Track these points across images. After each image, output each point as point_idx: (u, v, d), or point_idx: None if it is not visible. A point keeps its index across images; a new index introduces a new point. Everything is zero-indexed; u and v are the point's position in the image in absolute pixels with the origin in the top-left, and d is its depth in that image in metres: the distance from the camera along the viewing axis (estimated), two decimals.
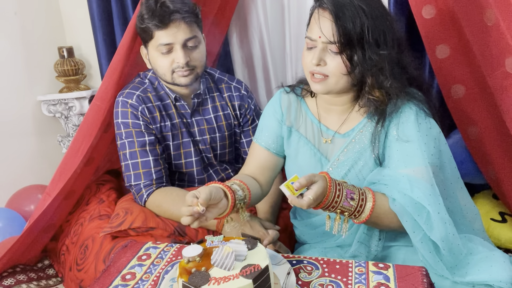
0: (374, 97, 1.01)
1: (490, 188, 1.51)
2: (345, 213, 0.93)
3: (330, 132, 1.11)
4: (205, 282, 0.72)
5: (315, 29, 0.98)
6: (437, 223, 0.91)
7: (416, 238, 0.93)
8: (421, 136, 0.99)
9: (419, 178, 0.95)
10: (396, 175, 0.97)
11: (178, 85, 1.36)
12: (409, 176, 0.96)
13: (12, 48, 1.94)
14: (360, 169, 1.05)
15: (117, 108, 1.36)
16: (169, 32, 1.27)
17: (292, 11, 1.87)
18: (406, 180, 0.95)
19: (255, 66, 1.97)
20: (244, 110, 1.51)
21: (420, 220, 0.92)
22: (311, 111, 1.15)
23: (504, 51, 1.07)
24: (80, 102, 2.08)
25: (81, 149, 1.38)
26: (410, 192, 0.93)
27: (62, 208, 1.47)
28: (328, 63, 0.98)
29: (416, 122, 1.00)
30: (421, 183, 0.95)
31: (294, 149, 1.14)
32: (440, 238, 0.91)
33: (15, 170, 1.92)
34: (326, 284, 0.81)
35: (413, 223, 0.93)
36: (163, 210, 1.27)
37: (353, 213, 0.93)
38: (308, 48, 1.02)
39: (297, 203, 0.87)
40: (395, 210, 0.94)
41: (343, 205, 0.91)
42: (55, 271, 1.51)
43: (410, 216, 0.93)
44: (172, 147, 1.40)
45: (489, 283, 0.91)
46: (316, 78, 1.00)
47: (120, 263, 0.93)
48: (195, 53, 1.33)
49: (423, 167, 0.96)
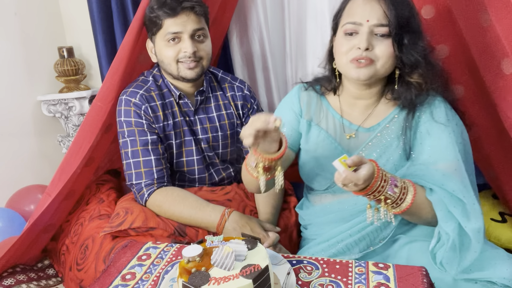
0: (414, 79, 1.02)
1: (490, 188, 1.51)
2: (388, 200, 0.92)
3: (354, 126, 1.11)
4: (205, 282, 0.72)
5: (360, 13, 0.97)
6: (474, 214, 0.92)
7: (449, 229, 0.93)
8: (452, 131, 1.01)
9: (451, 173, 0.96)
10: (429, 170, 0.98)
11: (183, 79, 1.36)
12: (442, 171, 0.97)
13: (12, 48, 1.94)
14: (384, 163, 1.06)
15: (120, 107, 1.36)
16: (178, 21, 1.29)
17: (292, 11, 1.87)
18: (440, 174, 0.96)
19: (255, 66, 1.97)
20: (246, 110, 1.51)
21: (456, 211, 0.92)
22: (333, 107, 1.14)
23: (499, 52, 1.07)
24: (80, 102, 2.08)
25: (82, 150, 1.38)
26: (445, 185, 0.94)
27: (62, 208, 1.47)
28: (375, 47, 0.98)
29: (446, 117, 1.02)
30: (454, 177, 0.96)
31: (313, 143, 1.13)
32: (477, 229, 0.91)
33: (15, 170, 1.92)
34: (326, 284, 0.81)
35: (445, 214, 0.94)
36: (164, 210, 1.27)
37: (396, 201, 0.92)
38: (346, 34, 1.00)
39: (353, 176, 0.86)
40: (432, 200, 0.94)
41: (387, 192, 0.91)
42: (55, 271, 1.51)
43: (444, 207, 0.93)
44: (174, 146, 1.41)
45: (492, 280, 0.91)
46: (361, 63, 0.99)
47: (120, 263, 0.93)
48: (202, 45, 1.35)
49: (456, 161, 0.98)
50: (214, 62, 1.94)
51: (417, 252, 1.02)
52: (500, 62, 1.08)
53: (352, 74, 1.01)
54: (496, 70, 1.11)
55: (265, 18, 1.86)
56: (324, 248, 1.12)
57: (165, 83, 1.41)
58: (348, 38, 1.00)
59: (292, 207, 1.44)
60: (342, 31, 1.02)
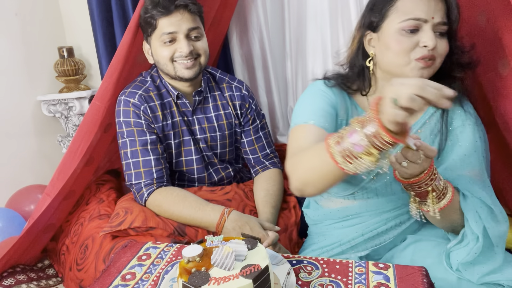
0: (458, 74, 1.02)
1: None
2: (434, 192, 0.89)
3: None
4: (205, 282, 0.72)
5: (425, 9, 0.94)
6: (502, 218, 0.93)
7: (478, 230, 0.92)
8: (478, 138, 1.00)
9: (477, 179, 0.97)
10: (455, 175, 0.98)
11: (180, 78, 1.36)
12: (469, 177, 0.97)
13: (12, 48, 1.94)
14: None
15: (119, 107, 1.36)
16: (173, 20, 1.29)
17: (292, 11, 1.87)
18: (467, 180, 0.96)
19: (255, 66, 1.97)
20: (245, 110, 1.51)
21: (482, 214, 0.92)
22: (362, 108, 1.08)
23: (497, 53, 1.07)
24: (80, 102, 2.08)
25: (80, 149, 1.38)
26: (472, 190, 0.94)
27: (62, 208, 1.47)
28: (437, 46, 0.96)
29: (474, 124, 1.01)
30: (480, 183, 0.96)
31: None
32: (499, 235, 0.92)
33: (15, 170, 1.92)
34: (326, 284, 0.81)
35: (474, 215, 0.93)
36: (164, 209, 1.27)
37: (439, 195, 0.90)
38: (406, 31, 0.95)
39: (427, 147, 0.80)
40: (463, 206, 0.93)
41: (436, 182, 0.88)
42: (55, 271, 1.51)
43: (473, 210, 0.93)
44: (173, 145, 1.41)
45: (500, 282, 0.91)
46: (428, 62, 0.96)
47: (120, 263, 0.93)
48: (198, 43, 1.34)
49: (480, 169, 0.98)
50: (214, 62, 1.94)
51: (422, 252, 1.02)
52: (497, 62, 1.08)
53: (415, 74, 0.97)
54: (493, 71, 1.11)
55: (265, 18, 1.87)
56: (333, 247, 1.12)
57: (163, 83, 1.41)
58: (408, 36, 0.95)
59: (292, 206, 1.44)
60: (398, 28, 0.96)
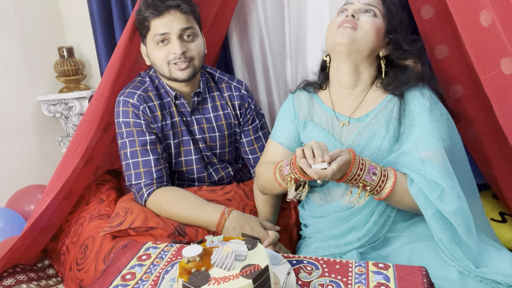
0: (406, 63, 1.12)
1: (490, 188, 1.51)
2: (367, 187, 0.99)
3: (344, 118, 1.17)
4: (205, 282, 0.72)
5: None
6: (450, 197, 0.95)
7: (428, 214, 0.97)
8: (433, 120, 1.04)
9: (431, 159, 1.00)
10: (410, 158, 1.03)
11: (176, 80, 1.36)
12: (422, 158, 1.01)
13: (12, 48, 1.94)
14: (373, 152, 1.10)
15: (118, 108, 1.36)
16: (164, 21, 1.29)
17: (292, 11, 1.87)
18: (419, 161, 1.00)
19: (255, 66, 1.97)
20: (244, 110, 1.51)
21: (433, 196, 0.96)
22: (324, 102, 1.22)
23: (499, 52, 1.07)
24: (80, 102, 2.08)
25: (79, 148, 1.38)
26: (424, 171, 0.98)
27: (62, 208, 1.47)
28: (361, 18, 1.08)
29: (430, 107, 1.06)
30: (433, 162, 0.99)
31: (310, 138, 1.18)
32: (453, 212, 0.94)
33: (15, 170, 1.92)
34: (326, 284, 0.81)
35: (425, 200, 0.97)
36: (164, 209, 1.27)
37: (375, 188, 0.99)
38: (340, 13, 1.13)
39: (321, 173, 0.93)
40: (412, 191, 0.99)
41: (365, 179, 0.98)
42: (55, 271, 1.51)
43: (423, 194, 0.97)
44: (173, 145, 1.41)
45: (496, 279, 0.91)
46: (345, 27, 1.07)
47: (120, 263, 0.93)
48: (192, 45, 1.33)
49: (436, 150, 1.02)
50: (213, 63, 1.94)
51: (419, 252, 1.02)
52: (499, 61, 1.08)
53: (336, 38, 1.08)
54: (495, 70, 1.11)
55: (265, 18, 1.86)
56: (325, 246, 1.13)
57: (161, 84, 1.41)
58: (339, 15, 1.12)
59: (292, 206, 1.44)
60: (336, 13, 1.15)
